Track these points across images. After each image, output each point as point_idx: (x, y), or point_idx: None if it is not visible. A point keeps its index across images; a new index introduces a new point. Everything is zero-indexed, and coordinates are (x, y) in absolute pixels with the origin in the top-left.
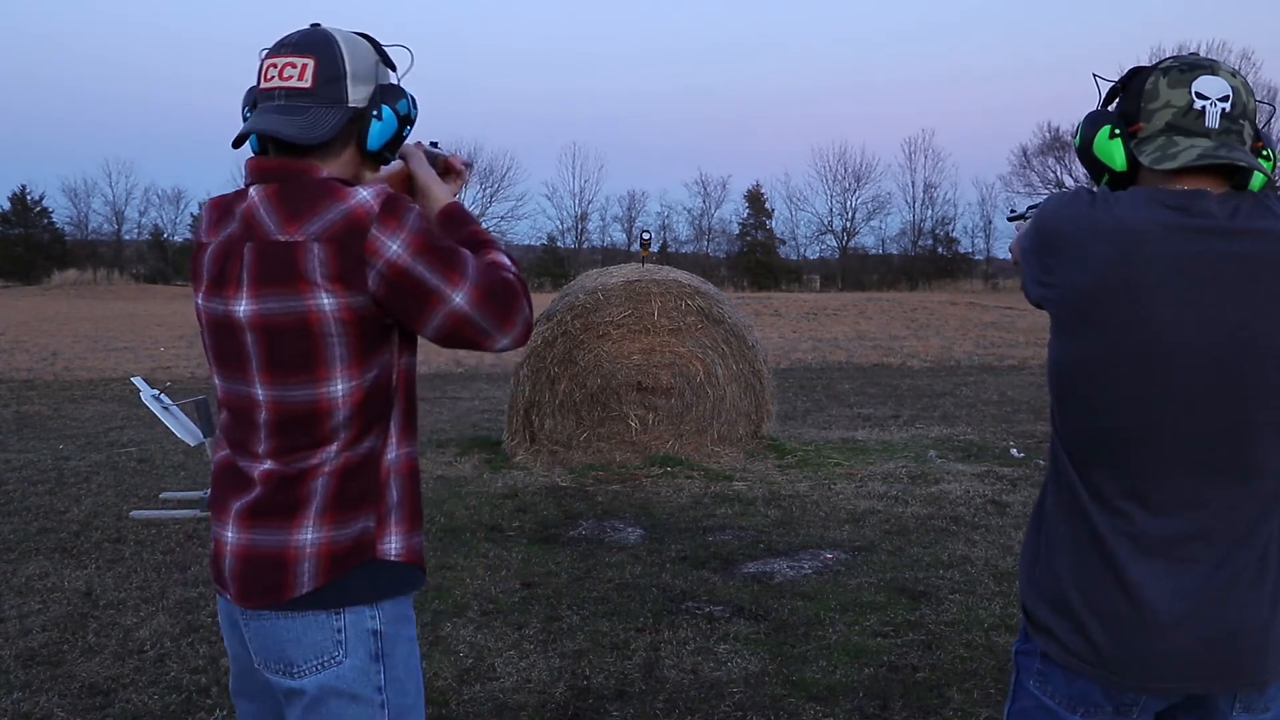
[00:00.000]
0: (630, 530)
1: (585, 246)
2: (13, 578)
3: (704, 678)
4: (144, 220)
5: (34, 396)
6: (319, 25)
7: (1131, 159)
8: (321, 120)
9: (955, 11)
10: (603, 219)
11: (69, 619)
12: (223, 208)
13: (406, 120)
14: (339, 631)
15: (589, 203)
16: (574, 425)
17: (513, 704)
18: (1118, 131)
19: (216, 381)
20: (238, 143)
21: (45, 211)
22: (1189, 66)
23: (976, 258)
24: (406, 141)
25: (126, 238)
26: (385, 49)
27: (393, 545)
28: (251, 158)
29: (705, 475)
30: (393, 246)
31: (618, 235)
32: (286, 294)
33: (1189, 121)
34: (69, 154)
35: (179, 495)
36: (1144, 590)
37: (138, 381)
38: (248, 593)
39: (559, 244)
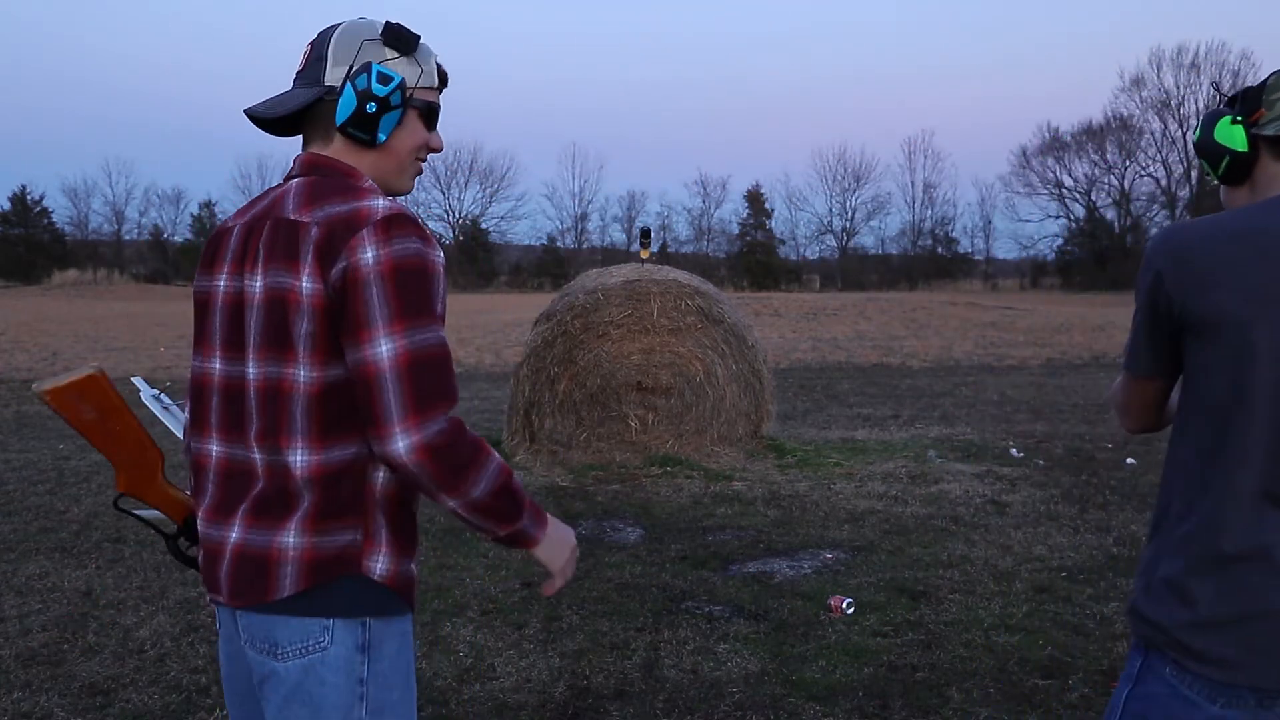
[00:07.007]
0: (630, 530)
1: (585, 246)
2: (13, 578)
3: (704, 677)
4: (144, 220)
5: (34, 396)
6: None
7: (1252, 141)
8: (289, 99)
9: (955, 11)
10: (603, 219)
11: (69, 619)
12: (254, 199)
13: (368, 95)
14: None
15: (589, 203)
16: (574, 425)
17: (513, 703)
18: (1239, 119)
19: (216, 366)
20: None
21: (45, 211)
22: None
23: (976, 258)
24: (398, 118)
25: (126, 238)
26: (400, 30)
27: (379, 565)
28: (302, 153)
29: (705, 475)
30: (367, 254)
31: (618, 235)
32: (283, 270)
33: None
34: (69, 154)
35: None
36: None
37: (138, 381)
38: (238, 591)
39: (559, 244)
